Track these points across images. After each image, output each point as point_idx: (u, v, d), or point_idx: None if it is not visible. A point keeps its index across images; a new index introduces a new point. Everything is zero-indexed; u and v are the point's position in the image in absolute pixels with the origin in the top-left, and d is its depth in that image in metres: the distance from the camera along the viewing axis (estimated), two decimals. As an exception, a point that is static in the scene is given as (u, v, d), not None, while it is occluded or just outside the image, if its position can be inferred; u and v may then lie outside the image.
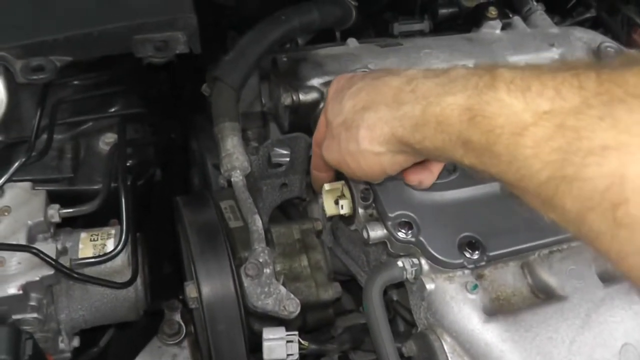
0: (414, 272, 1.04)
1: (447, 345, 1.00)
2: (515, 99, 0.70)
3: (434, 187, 1.09)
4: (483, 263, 1.04)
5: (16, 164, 1.20)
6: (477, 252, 1.03)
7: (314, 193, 1.32)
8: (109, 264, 1.21)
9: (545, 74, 0.71)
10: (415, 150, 0.87)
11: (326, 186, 1.14)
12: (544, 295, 1.06)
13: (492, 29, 1.57)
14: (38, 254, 1.10)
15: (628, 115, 0.61)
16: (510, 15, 1.63)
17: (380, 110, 0.90)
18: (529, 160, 0.68)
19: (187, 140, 1.72)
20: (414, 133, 0.84)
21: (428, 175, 1.04)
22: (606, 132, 0.62)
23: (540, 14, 1.66)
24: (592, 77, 0.66)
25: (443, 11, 1.69)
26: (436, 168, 1.04)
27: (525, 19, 1.64)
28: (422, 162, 1.01)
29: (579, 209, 0.64)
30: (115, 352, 1.46)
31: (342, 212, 1.13)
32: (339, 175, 1.16)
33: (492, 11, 1.59)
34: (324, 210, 1.17)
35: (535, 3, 1.68)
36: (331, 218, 1.24)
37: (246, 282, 1.03)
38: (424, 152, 0.86)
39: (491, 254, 1.05)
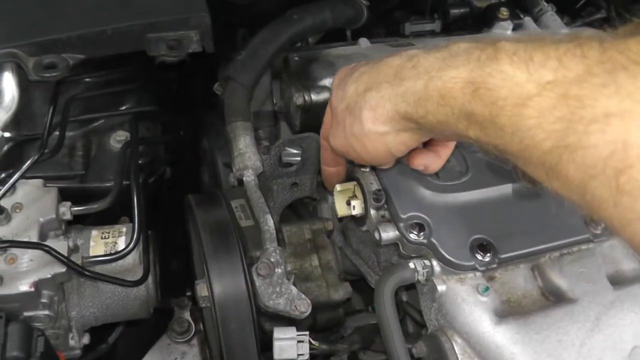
0: (425, 273, 1.04)
1: (458, 346, 1.00)
2: (518, 70, 0.71)
3: (445, 189, 1.10)
4: (494, 265, 1.05)
5: (29, 161, 1.21)
6: (488, 255, 1.04)
7: (326, 190, 1.31)
8: (120, 262, 1.22)
9: (548, 45, 0.71)
10: (420, 125, 0.87)
11: (338, 187, 1.14)
12: (554, 298, 1.06)
13: (503, 29, 1.58)
14: (50, 251, 1.10)
15: (631, 81, 0.62)
16: (521, 16, 1.62)
17: (382, 88, 0.90)
18: (533, 130, 0.68)
19: (198, 139, 1.72)
20: (417, 108, 0.84)
21: (435, 160, 1.04)
22: (609, 100, 0.62)
23: (550, 15, 1.66)
24: (595, 47, 0.66)
25: (454, 11, 1.68)
26: (443, 152, 1.04)
27: (536, 20, 1.64)
28: (428, 146, 1.02)
29: (582, 177, 0.64)
30: (124, 350, 1.47)
31: (353, 212, 1.13)
32: (349, 176, 1.17)
33: (504, 12, 1.59)
34: (334, 210, 1.17)
35: (546, 4, 1.68)
36: (342, 218, 1.24)
37: (258, 281, 1.03)
38: (428, 126, 0.86)
39: (502, 256, 1.05)
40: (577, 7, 1.90)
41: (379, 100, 0.90)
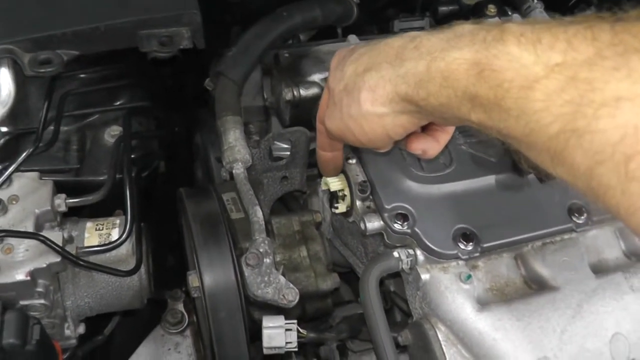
0: (409, 262, 1.06)
1: (441, 334, 1.02)
2: (525, 52, 0.68)
3: (429, 180, 1.12)
4: (477, 254, 1.07)
5: (24, 154, 1.23)
6: (471, 244, 1.06)
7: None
8: (113, 252, 1.24)
9: (556, 27, 0.68)
10: (420, 108, 0.84)
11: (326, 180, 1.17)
12: (536, 286, 1.08)
13: (492, 26, 1.59)
14: (45, 241, 1.12)
15: None
16: (510, 13, 1.63)
17: (382, 69, 0.87)
18: (539, 113, 0.66)
19: (191, 134, 1.74)
20: (418, 90, 0.82)
21: (433, 144, 1.00)
22: (620, 83, 0.60)
23: (539, 12, 1.67)
24: (605, 29, 0.64)
25: (443, 9, 1.70)
26: (442, 137, 1.01)
27: (524, 17, 1.65)
28: (427, 131, 1.00)
29: (589, 162, 0.62)
30: (120, 340, 1.49)
31: (339, 206, 1.15)
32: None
33: (492, 9, 1.60)
34: (323, 203, 1.19)
35: (534, 1, 1.68)
36: (331, 206, 1.26)
37: (247, 271, 1.05)
38: (428, 109, 0.83)
39: (485, 245, 1.07)
40: (570, 5, 1.91)
41: (378, 80, 0.87)
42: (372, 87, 0.88)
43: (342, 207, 1.16)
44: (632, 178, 0.59)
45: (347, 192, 1.16)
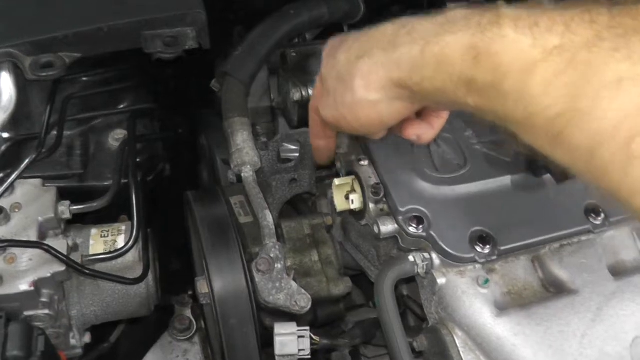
0: (425, 266, 1.04)
1: (459, 339, 1.00)
2: (522, 35, 0.67)
3: (444, 182, 1.10)
4: (494, 257, 1.04)
5: (27, 161, 1.21)
6: (488, 247, 1.03)
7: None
8: (120, 260, 1.22)
9: (553, 11, 0.68)
10: (414, 93, 0.83)
11: (336, 181, 1.14)
12: (555, 289, 1.06)
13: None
14: (49, 250, 1.10)
15: None
16: None
17: (375, 55, 0.86)
18: (538, 97, 0.66)
19: (196, 136, 1.72)
20: (412, 75, 0.81)
21: (427, 130, 0.99)
22: (621, 64, 0.60)
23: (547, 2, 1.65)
24: (603, 12, 0.64)
25: (452, 5, 1.67)
26: (436, 123, 1.00)
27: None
28: (421, 116, 0.99)
29: (589, 144, 0.62)
30: (126, 348, 1.47)
31: (352, 207, 1.13)
32: (348, 170, 1.17)
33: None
34: (334, 205, 1.17)
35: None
36: (341, 213, 1.24)
37: (257, 277, 1.03)
38: (423, 94, 0.82)
39: (502, 248, 1.05)
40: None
41: (371, 67, 0.86)
42: (365, 73, 0.87)
43: (357, 203, 1.13)
44: (634, 158, 0.59)
45: (358, 190, 1.14)
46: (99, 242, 1.23)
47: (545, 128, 0.67)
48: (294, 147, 1.34)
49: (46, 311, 1.13)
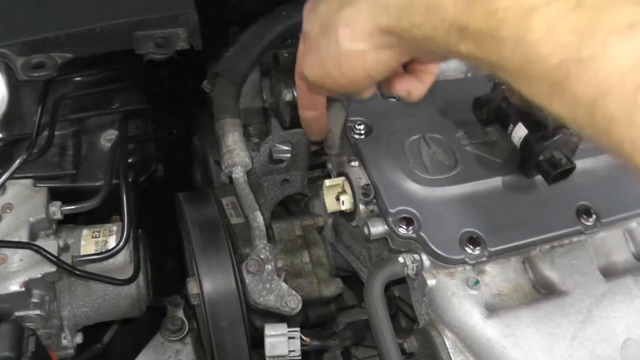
0: (415, 268, 1.04)
1: (449, 341, 1.00)
2: None
3: (434, 183, 1.09)
4: (484, 259, 1.04)
5: (17, 161, 1.21)
6: (478, 248, 1.03)
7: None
8: (110, 260, 1.21)
9: None
10: (403, 40, 0.77)
11: (327, 182, 1.14)
12: (545, 291, 1.06)
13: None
14: (39, 250, 1.10)
15: None
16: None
17: (359, 2, 0.79)
18: (538, 44, 0.61)
19: (189, 137, 1.72)
20: (399, 20, 0.75)
21: (417, 85, 0.93)
22: (632, 8, 0.56)
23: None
24: None
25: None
26: (426, 78, 0.93)
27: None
28: (409, 72, 0.93)
29: (592, 93, 0.58)
30: (119, 349, 1.47)
31: (343, 208, 1.13)
32: (339, 171, 1.17)
33: None
34: (325, 206, 1.17)
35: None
36: (333, 214, 1.24)
37: (247, 278, 1.03)
38: (412, 42, 0.76)
39: (492, 249, 1.04)
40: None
41: (356, 14, 0.80)
42: (349, 21, 0.81)
43: (347, 204, 1.13)
44: None
45: (348, 191, 1.13)
46: (90, 242, 1.22)
47: (544, 76, 0.62)
48: (285, 148, 1.33)
49: (37, 312, 1.12)
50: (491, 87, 1.14)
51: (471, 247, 1.03)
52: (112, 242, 1.22)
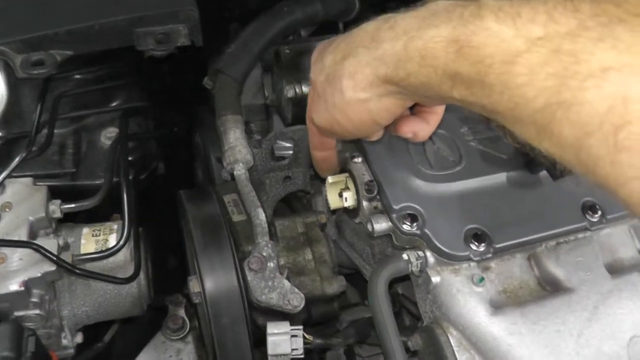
0: (419, 264, 1.03)
1: (454, 338, 0.99)
2: (504, 27, 0.67)
3: (438, 179, 1.08)
4: (489, 255, 1.03)
5: (16, 159, 1.20)
6: (483, 244, 1.02)
7: (319, 178, 1.29)
8: (111, 259, 1.20)
9: (535, 0, 0.67)
10: (401, 88, 0.83)
11: (330, 179, 1.13)
12: (551, 288, 1.05)
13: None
14: (39, 249, 1.09)
15: (630, 34, 0.59)
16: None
17: (360, 53, 0.86)
18: (523, 88, 0.65)
19: (191, 134, 1.71)
20: (397, 70, 0.81)
21: (423, 126, 1.00)
22: (606, 53, 0.59)
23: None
24: (587, 0, 0.63)
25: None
26: (432, 119, 1.00)
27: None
28: (415, 113, 0.99)
29: (576, 134, 0.61)
30: (120, 348, 1.46)
31: (346, 204, 1.12)
32: (342, 168, 1.16)
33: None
34: (328, 203, 1.16)
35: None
36: (335, 211, 1.23)
37: (250, 276, 1.02)
38: (410, 89, 0.82)
39: (497, 245, 1.03)
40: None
41: (357, 65, 0.86)
42: (351, 73, 0.88)
43: (350, 201, 1.12)
44: (621, 148, 0.58)
45: (351, 187, 1.12)
46: (90, 241, 1.21)
47: (531, 119, 0.66)
48: (287, 145, 1.33)
49: (37, 311, 1.11)
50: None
51: (476, 243, 1.02)
52: (112, 241, 1.21)
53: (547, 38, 0.64)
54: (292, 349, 1.04)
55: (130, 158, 1.38)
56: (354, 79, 0.87)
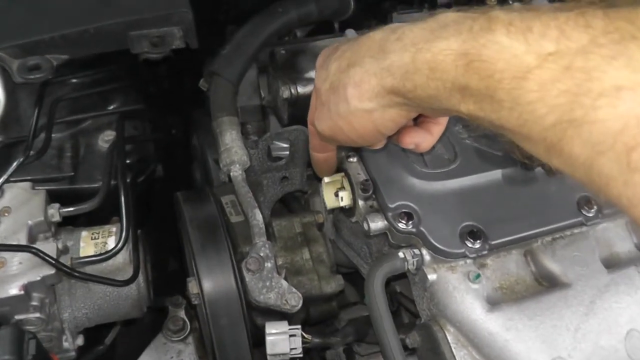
0: (415, 262, 1.03)
1: (451, 335, 1.00)
2: (515, 41, 0.66)
3: (434, 177, 1.09)
4: (485, 252, 1.03)
5: (14, 164, 1.21)
6: (479, 241, 1.02)
7: (317, 178, 1.30)
8: (110, 261, 1.21)
9: (546, 14, 0.66)
10: (407, 100, 0.82)
11: (326, 178, 1.14)
12: (547, 283, 1.05)
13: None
14: (38, 253, 1.10)
15: None
16: (511, 2, 1.60)
17: (366, 63, 0.85)
18: (533, 104, 0.64)
19: (188, 136, 1.72)
20: (404, 82, 0.80)
21: (426, 137, 0.99)
22: (619, 72, 0.58)
23: (541, 0, 1.64)
24: (599, 16, 0.62)
25: (442, 0, 1.66)
26: (435, 129, 0.99)
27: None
28: (419, 124, 0.98)
29: (588, 153, 0.61)
30: (121, 350, 1.47)
31: (342, 204, 1.12)
32: (338, 167, 1.16)
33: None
34: (324, 203, 1.17)
35: (536, -12, 1.66)
36: (332, 210, 1.24)
37: (247, 276, 1.03)
38: (416, 101, 0.81)
39: (493, 242, 1.04)
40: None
41: (363, 75, 0.85)
42: (357, 82, 0.86)
43: (346, 200, 1.13)
44: (634, 169, 0.57)
45: (347, 187, 1.13)
46: (89, 244, 1.22)
47: (542, 136, 0.65)
48: (284, 145, 1.33)
49: (37, 315, 1.12)
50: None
51: (472, 240, 1.02)
52: (111, 243, 1.21)
53: (559, 54, 0.63)
54: (291, 349, 1.04)
55: (128, 161, 1.39)
56: (359, 89, 0.86)
